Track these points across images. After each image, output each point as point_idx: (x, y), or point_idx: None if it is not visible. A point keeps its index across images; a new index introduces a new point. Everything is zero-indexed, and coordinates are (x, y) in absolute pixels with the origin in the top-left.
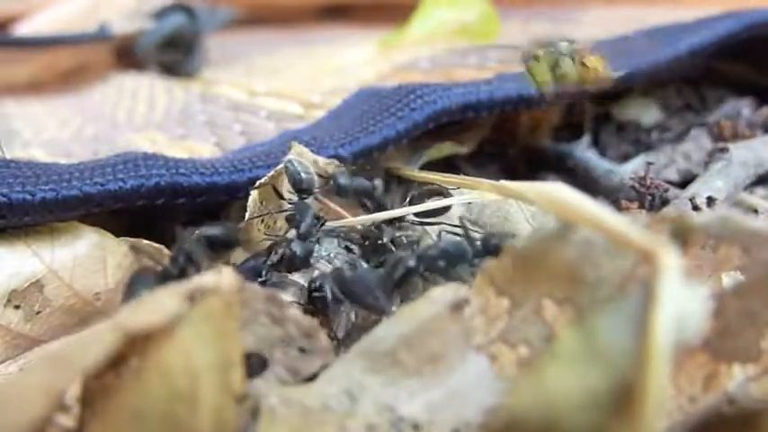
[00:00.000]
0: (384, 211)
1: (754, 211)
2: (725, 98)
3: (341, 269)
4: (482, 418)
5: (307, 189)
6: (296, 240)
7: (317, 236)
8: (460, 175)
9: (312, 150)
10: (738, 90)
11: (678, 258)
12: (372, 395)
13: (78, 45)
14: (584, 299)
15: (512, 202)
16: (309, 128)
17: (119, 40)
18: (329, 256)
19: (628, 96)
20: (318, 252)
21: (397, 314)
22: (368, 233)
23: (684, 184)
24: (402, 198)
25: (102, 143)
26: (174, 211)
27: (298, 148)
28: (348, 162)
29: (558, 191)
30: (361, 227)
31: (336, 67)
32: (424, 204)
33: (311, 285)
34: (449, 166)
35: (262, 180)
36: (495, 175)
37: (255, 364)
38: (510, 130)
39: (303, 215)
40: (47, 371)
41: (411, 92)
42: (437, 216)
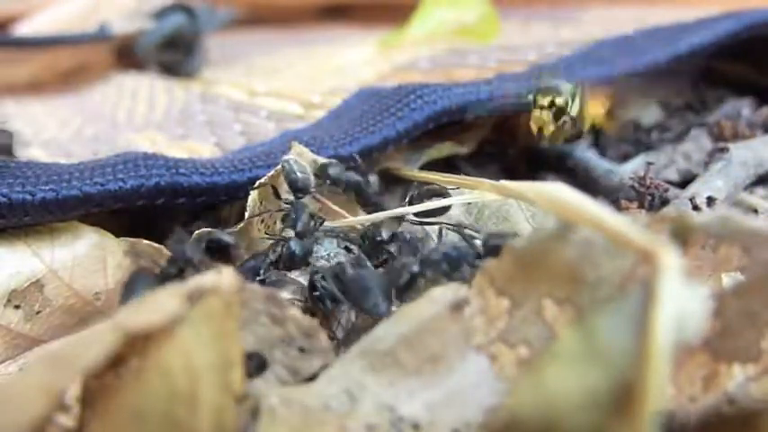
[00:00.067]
0: (378, 206)
1: (754, 211)
2: (725, 98)
3: (340, 267)
4: (482, 418)
5: (302, 188)
6: (294, 239)
7: (315, 235)
8: (460, 175)
9: (312, 150)
10: (738, 90)
11: (678, 258)
12: (372, 395)
13: (78, 45)
14: (584, 299)
15: (512, 202)
16: (309, 128)
17: (119, 40)
18: (329, 256)
19: (628, 96)
20: (318, 252)
21: (397, 314)
22: (367, 233)
23: (684, 184)
24: (402, 198)
25: (102, 143)
26: (174, 211)
27: (298, 148)
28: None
29: (558, 191)
30: (360, 227)
31: (336, 67)
32: (423, 204)
33: (311, 283)
34: (449, 166)
35: (261, 180)
36: (495, 175)
37: (255, 364)
38: (510, 130)
39: (298, 213)
40: (47, 371)
41: (411, 92)
42: (437, 216)
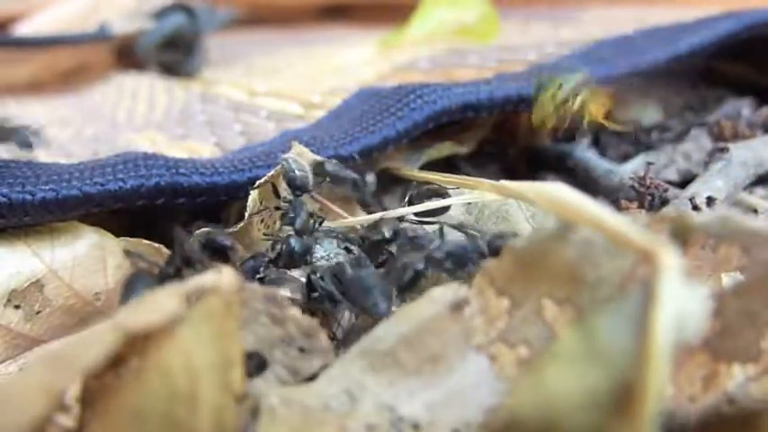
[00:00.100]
0: (374, 206)
1: (754, 211)
2: (725, 98)
3: (339, 267)
4: (482, 418)
5: (301, 186)
6: (293, 236)
7: (314, 233)
8: (460, 175)
9: (312, 150)
10: (738, 90)
11: (678, 258)
12: (372, 395)
13: (78, 45)
14: (584, 299)
15: (512, 202)
16: (309, 128)
17: (119, 40)
18: (328, 256)
19: (628, 96)
20: (317, 252)
21: (397, 314)
22: (367, 233)
23: (684, 184)
24: (402, 198)
25: (102, 143)
26: (174, 211)
27: (298, 148)
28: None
29: (558, 191)
30: (360, 227)
31: (336, 67)
32: (423, 204)
33: (309, 283)
34: (449, 166)
35: (261, 180)
36: (495, 175)
37: (255, 363)
38: (510, 130)
39: (297, 211)
40: (47, 371)
41: (411, 92)
42: (437, 216)
